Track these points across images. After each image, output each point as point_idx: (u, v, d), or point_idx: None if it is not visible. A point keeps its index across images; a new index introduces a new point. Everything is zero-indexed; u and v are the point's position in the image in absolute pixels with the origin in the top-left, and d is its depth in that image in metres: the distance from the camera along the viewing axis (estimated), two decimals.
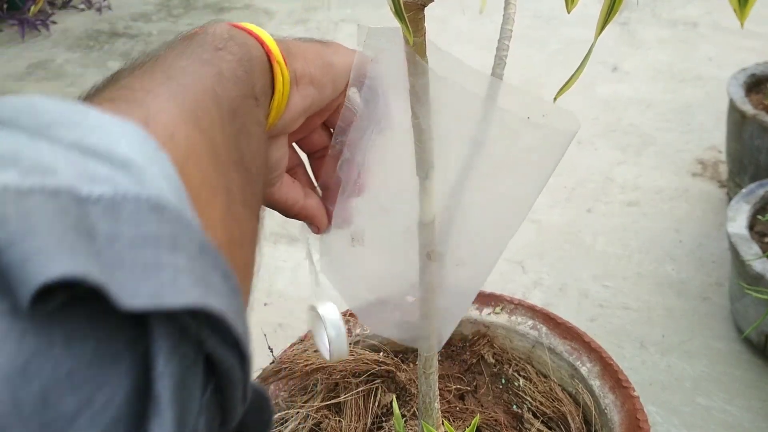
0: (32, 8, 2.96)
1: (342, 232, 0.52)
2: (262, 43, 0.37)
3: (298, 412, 0.81)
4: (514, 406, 0.84)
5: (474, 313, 0.91)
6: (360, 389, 0.82)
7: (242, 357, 0.21)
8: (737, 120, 1.62)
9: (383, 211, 0.51)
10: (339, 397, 0.82)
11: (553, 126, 0.44)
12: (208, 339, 0.20)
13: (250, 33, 0.37)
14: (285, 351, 0.86)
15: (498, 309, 0.91)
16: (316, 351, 0.85)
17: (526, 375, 0.87)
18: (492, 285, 1.62)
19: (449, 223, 0.51)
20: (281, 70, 0.38)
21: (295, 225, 0.52)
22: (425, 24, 0.44)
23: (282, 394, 0.83)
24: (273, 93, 0.39)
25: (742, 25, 0.36)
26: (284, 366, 0.83)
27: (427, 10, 0.43)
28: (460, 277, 0.54)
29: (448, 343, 0.92)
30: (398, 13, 0.37)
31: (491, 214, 0.50)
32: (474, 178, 0.48)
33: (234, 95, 0.33)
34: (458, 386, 0.87)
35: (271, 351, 0.91)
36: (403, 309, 0.57)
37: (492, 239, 0.51)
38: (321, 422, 0.80)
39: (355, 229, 0.52)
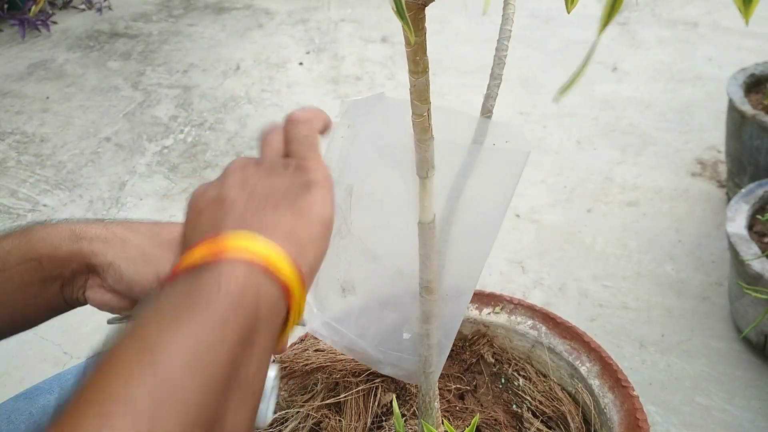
0: (33, 8, 2.96)
1: (332, 285, 0.57)
2: (276, 278, 0.34)
3: (298, 412, 0.81)
4: (514, 406, 0.84)
5: (474, 312, 0.91)
6: (360, 388, 0.82)
7: None
8: (737, 120, 1.62)
9: (374, 259, 0.56)
10: (339, 396, 0.82)
11: (510, 149, 0.50)
12: None
13: (266, 270, 0.34)
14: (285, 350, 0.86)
15: (498, 309, 0.91)
16: (316, 350, 0.85)
17: (525, 374, 0.87)
18: (492, 285, 1.63)
19: (442, 257, 0.57)
20: (297, 302, 0.36)
21: None
22: (425, 24, 0.44)
23: (282, 393, 0.83)
24: (286, 325, 0.36)
25: (747, 23, 0.36)
26: (284, 365, 0.83)
27: (426, 10, 0.43)
28: (449, 307, 0.59)
29: None
30: (400, 12, 0.37)
31: (467, 242, 0.56)
32: (457, 211, 0.55)
33: (219, 394, 0.30)
34: (458, 386, 0.87)
35: None
36: (401, 347, 0.61)
37: (469, 269, 0.57)
38: (321, 421, 0.80)
39: (345, 280, 0.56)
